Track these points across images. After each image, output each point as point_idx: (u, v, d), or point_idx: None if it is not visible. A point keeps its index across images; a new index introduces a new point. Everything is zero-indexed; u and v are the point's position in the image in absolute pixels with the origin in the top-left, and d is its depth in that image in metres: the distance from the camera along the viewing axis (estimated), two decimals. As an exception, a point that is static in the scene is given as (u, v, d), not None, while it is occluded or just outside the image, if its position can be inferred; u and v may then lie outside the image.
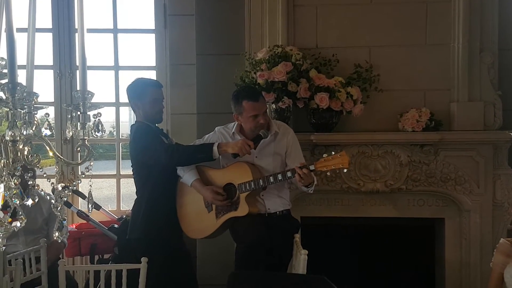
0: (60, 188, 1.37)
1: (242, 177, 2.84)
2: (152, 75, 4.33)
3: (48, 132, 1.31)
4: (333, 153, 2.69)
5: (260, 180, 2.79)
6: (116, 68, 4.34)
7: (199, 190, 2.96)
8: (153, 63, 4.35)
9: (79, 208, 3.93)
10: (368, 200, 3.59)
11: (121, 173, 4.41)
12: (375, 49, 3.60)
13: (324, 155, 2.71)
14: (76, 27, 1.45)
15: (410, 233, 3.78)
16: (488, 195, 3.48)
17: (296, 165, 2.74)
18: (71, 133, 1.31)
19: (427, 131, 3.42)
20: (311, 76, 3.39)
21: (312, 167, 2.70)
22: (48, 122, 1.32)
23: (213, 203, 2.93)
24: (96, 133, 1.30)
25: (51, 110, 4.24)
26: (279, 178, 2.77)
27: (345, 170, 2.72)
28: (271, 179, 2.78)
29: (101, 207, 3.93)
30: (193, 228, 3.05)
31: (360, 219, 3.66)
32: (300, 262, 2.59)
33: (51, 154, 1.32)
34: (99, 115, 1.31)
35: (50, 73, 4.29)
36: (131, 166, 3.16)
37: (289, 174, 2.75)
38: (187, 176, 3.00)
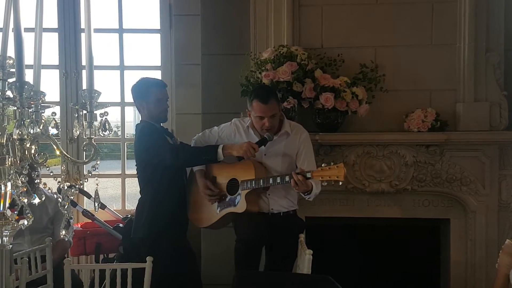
0: (66, 187, 1.37)
1: (246, 175, 2.85)
2: (157, 75, 4.33)
3: (54, 131, 1.32)
4: (332, 163, 2.66)
5: (261, 180, 2.80)
6: (121, 68, 4.35)
7: (197, 179, 3.06)
8: (158, 63, 4.36)
9: (84, 208, 3.95)
10: (373, 200, 3.58)
11: (126, 172, 4.42)
12: (381, 49, 3.59)
13: (323, 165, 2.69)
14: (82, 27, 1.46)
15: (415, 234, 3.76)
16: (493, 196, 3.47)
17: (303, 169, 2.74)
18: (78, 132, 1.32)
19: (433, 131, 3.40)
20: (316, 76, 3.38)
21: (309, 175, 2.68)
22: (55, 121, 1.33)
23: (203, 195, 3.01)
24: (103, 132, 1.30)
25: (56, 110, 4.24)
26: (278, 181, 2.77)
27: (340, 183, 2.65)
28: (271, 180, 2.79)
29: (106, 206, 3.94)
30: (196, 217, 3.12)
31: (365, 220, 3.65)
32: (304, 262, 2.59)
33: (57, 153, 1.33)
34: (106, 114, 1.32)
35: (55, 73, 4.31)
36: (136, 165, 3.17)
37: (287, 178, 2.74)
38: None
